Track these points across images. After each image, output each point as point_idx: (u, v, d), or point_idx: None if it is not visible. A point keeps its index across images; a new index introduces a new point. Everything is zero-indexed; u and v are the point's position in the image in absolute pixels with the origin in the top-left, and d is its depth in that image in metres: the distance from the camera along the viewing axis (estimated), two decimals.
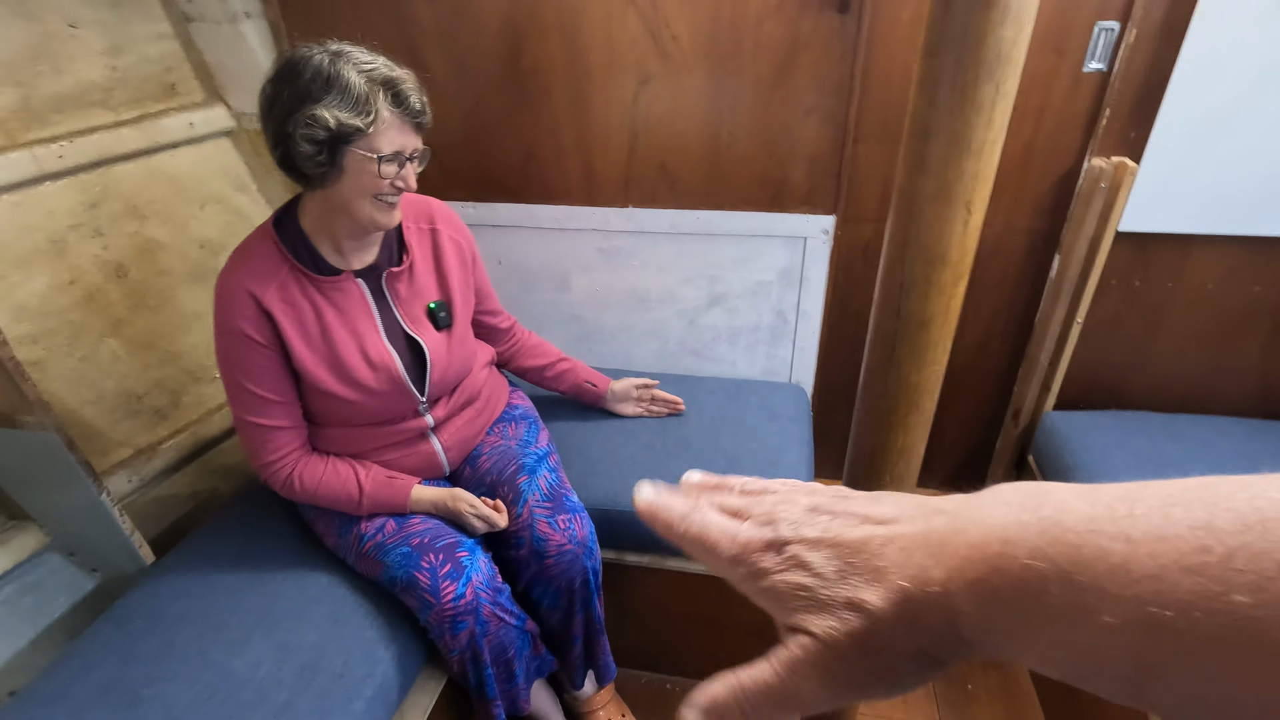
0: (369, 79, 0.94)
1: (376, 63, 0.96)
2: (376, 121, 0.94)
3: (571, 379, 1.44)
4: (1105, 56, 1.24)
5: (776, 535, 0.29)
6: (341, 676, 1.01)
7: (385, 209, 1.02)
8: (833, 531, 0.28)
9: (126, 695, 0.96)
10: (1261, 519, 0.18)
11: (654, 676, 1.54)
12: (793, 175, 1.43)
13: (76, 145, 1.23)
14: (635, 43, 1.34)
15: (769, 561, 0.28)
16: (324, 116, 0.91)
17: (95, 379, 1.29)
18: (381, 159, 0.96)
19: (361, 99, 0.93)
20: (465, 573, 1.07)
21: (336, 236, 1.06)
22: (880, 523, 0.27)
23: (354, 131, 0.93)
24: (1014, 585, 0.22)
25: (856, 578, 0.26)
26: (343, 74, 0.92)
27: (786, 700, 0.28)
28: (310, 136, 0.92)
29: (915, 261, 0.58)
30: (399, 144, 0.98)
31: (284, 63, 0.94)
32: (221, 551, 1.20)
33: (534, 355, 1.42)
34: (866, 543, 0.27)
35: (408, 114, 0.98)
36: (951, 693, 1.48)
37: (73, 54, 1.24)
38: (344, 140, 0.94)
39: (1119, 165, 1.26)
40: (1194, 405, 1.51)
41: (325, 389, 1.06)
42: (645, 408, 1.48)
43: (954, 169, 0.53)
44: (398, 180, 1.00)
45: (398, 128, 0.97)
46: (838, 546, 0.27)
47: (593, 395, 1.46)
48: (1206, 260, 1.36)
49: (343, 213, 1.01)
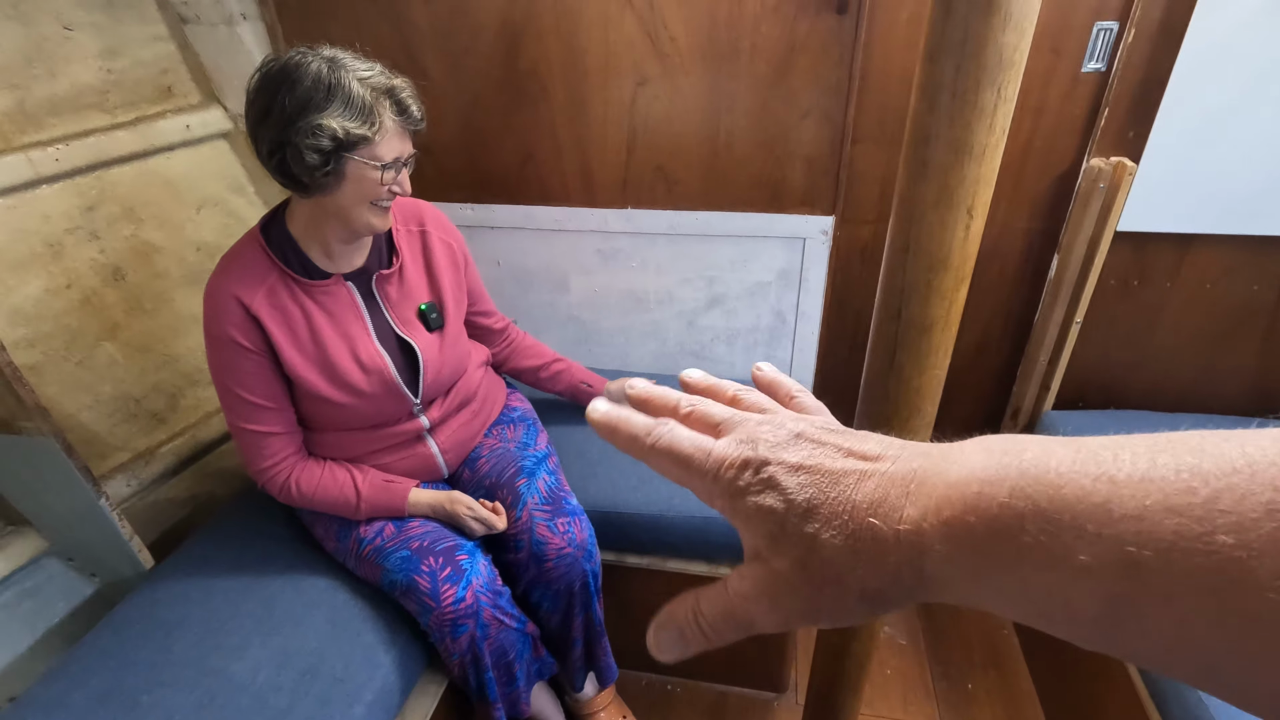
0: (371, 88, 0.94)
1: (374, 71, 0.96)
2: (381, 131, 0.95)
3: (567, 379, 1.42)
4: (1104, 56, 1.24)
5: (755, 454, 0.28)
6: (341, 681, 1.01)
7: (381, 214, 1.02)
8: (814, 460, 0.28)
9: (125, 701, 0.95)
10: (1250, 463, 0.18)
11: (655, 677, 1.54)
12: (791, 176, 1.42)
13: (72, 148, 1.22)
14: (633, 44, 1.34)
15: (744, 479, 0.28)
16: (330, 126, 0.91)
17: (92, 383, 1.28)
18: (384, 167, 0.97)
19: (366, 109, 0.93)
20: (465, 576, 1.07)
21: (327, 241, 1.05)
22: (864, 458, 0.27)
23: (359, 141, 0.94)
24: (989, 524, 0.22)
25: (825, 510, 0.26)
26: (344, 82, 0.92)
27: (738, 622, 0.29)
28: (316, 146, 0.92)
29: (916, 267, 0.58)
30: (398, 151, 0.99)
31: (277, 69, 0.93)
32: (220, 556, 1.20)
33: (529, 356, 1.41)
34: (845, 475, 0.27)
35: (409, 122, 0.99)
36: (951, 693, 1.48)
37: (68, 56, 1.23)
38: (347, 149, 0.94)
39: (1118, 165, 1.26)
40: (1192, 404, 1.52)
41: (317, 393, 1.06)
42: None
43: (955, 174, 0.53)
44: (394, 185, 1.00)
45: (398, 135, 0.98)
46: (815, 474, 0.27)
47: (588, 396, 1.44)
48: (1205, 259, 1.37)
49: (337, 218, 1.01)
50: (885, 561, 0.25)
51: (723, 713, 1.47)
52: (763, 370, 0.37)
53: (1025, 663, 1.53)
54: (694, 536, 1.27)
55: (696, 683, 1.53)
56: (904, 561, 0.25)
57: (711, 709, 1.48)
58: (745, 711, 1.47)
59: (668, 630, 0.32)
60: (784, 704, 1.49)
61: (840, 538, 0.26)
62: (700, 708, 1.48)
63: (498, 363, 1.41)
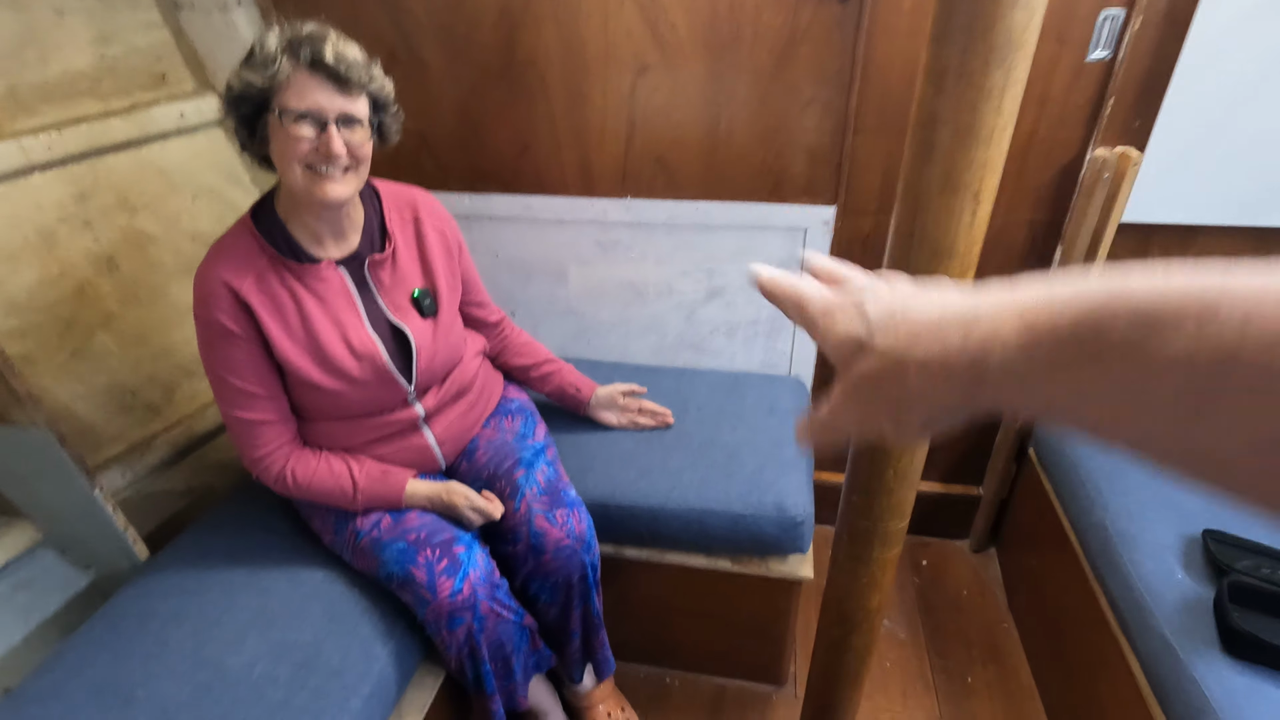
0: (285, 39, 0.92)
1: (309, 26, 0.94)
2: (278, 75, 0.91)
3: (557, 381, 1.39)
4: (1109, 44, 1.22)
5: (859, 297, 0.35)
6: (338, 674, 1.00)
7: (319, 179, 0.96)
8: (901, 295, 0.34)
9: (121, 693, 0.95)
10: None
11: (653, 670, 1.53)
12: (792, 166, 1.41)
13: (65, 136, 1.21)
14: (632, 32, 1.32)
15: (843, 313, 0.36)
16: (232, 80, 0.93)
17: (86, 374, 1.27)
18: (286, 115, 0.92)
19: (268, 57, 0.91)
20: (462, 568, 1.06)
21: (306, 220, 1.04)
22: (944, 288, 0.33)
23: (258, 92, 0.92)
24: (1074, 323, 0.23)
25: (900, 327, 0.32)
26: (262, 38, 0.92)
27: (838, 431, 0.38)
28: (229, 100, 0.94)
29: (921, 254, 0.57)
30: (311, 102, 0.92)
31: None
32: (216, 548, 1.19)
33: (521, 354, 1.39)
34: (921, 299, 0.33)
35: (320, 69, 0.92)
36: (951, 686, 1.48)
37: (60, 42, 1.22)
38: (253, 103, 0.94)
39: (1122, 155, 1.25)
40: None
41: (309, 379, 1.05)
42: (630, 419, 1.41)
43: (962, 158, 0.52)
44: (322, 145, 0.94)
45: (311, 84, 0.92)
46: (893, 300, 0.33)
47: (575, 401, 1.40)
48: (1209, 251, 1.35)
49: (287, 190, 1.01)
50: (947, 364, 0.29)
51: (721, 705, 1.47)
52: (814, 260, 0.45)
53: (1025, 657, 1.53)
54: (693, 528, 1.26)
55: (695, 675, 1.52)
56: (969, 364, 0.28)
57: (710, 702, 1.47)
58: (744, 704, 1.47)
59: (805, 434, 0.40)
60: (783, 697, 1.48)
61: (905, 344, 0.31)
62: (699, 701, 1.48)
63: (493, 355, 1.39)
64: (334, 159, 0.95)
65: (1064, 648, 1.38)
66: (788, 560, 1.29)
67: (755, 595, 1.34)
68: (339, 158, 0.95)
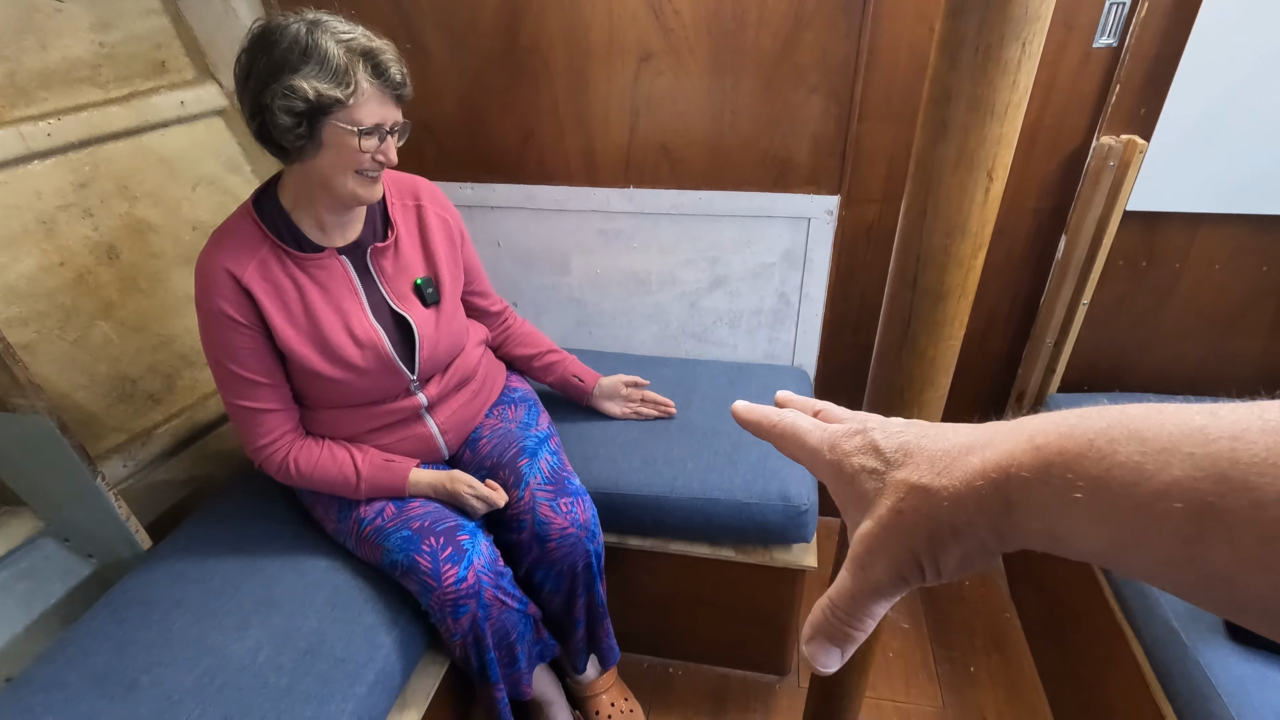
0: (348, 49, 0.91)
1: (355, 32, 0.93)
2: (356, 93, 0.92)
3: (559, 371, 1.39)
4: (1116, 31, 1.21)
5: (865, 427, 0.33)
6: (343, 661, 1.00)
7: (367, 183, 1.00)
8: (910, 428, 0.32)
9: (124, 681, 0.94)
10: None
11: (657, 660, 1.53)
12: (796, 155, 1.40)
13: (64, 123, 1.20)
14: (636, 18, 1.31)
15: (850, 444, 0.33)
16: (302, 87, 0.89)
17: (87, 362, 1.27)
18: (362, 132, 0.94)
19: (341, 70, 0.91)
20: (467, 556, 1.06)
21: (318, 212, 1.03)
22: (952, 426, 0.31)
23: (333, 103, 0.91)
24: (1083, 447, 0.24)
25: (917, 457, 0.30)
26: (321, 43, 0.90)
27: (865, 594, 0.31)
28: (288, 108, 0.90)
29: (934, 232, 0.56)
30: (379, 116, 0.96)
31: (259, 32, 0.92)
32: (219, 536, 1.19)
33: (524, 344, 1.39)
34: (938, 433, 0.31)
35: (388, 85, 0.96)
36: (954, 675, 1.48)
37: (59, 29, 1.20)
38: (323, 112, 0.92)
39: (1128, 143, 1.25)
40: (1199, 387, 1.51)
41: (311, 368, 1.04)
42: (634, 409, 1.41)
43: (976, 134, 0.51)
44: (378, 154, 0.98)
45: (378, 100, 0.95)
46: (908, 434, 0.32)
47: (578, 391, 1.40)
48: (1215, 240, 1.35)
49: (323, 188, 0.99)
50: (973, 488, 0.27)
51: (725, 695, 1.47)
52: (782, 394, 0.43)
53: (1028, 646, 1.53)
54: (696, 518, 1.26)
55: (699, 666, 1.52)
56: (990, 488, 0.27)
57: (713, 692, 1.47)
58: (747, 694, 1.47)
59: (815, 640, 0.32)
60: (786, 686, 1.48)
61: (929, 476, 0.29)
62: (702, 691, 1.48)
63: (493, 347, 1.39)
64: (389, 166, 1.00)
65: (1067, 636, 1.38)
66: (792, 550, 1.29)
67: (759, 585, 1.34)
68: (392, 164, 1.00)
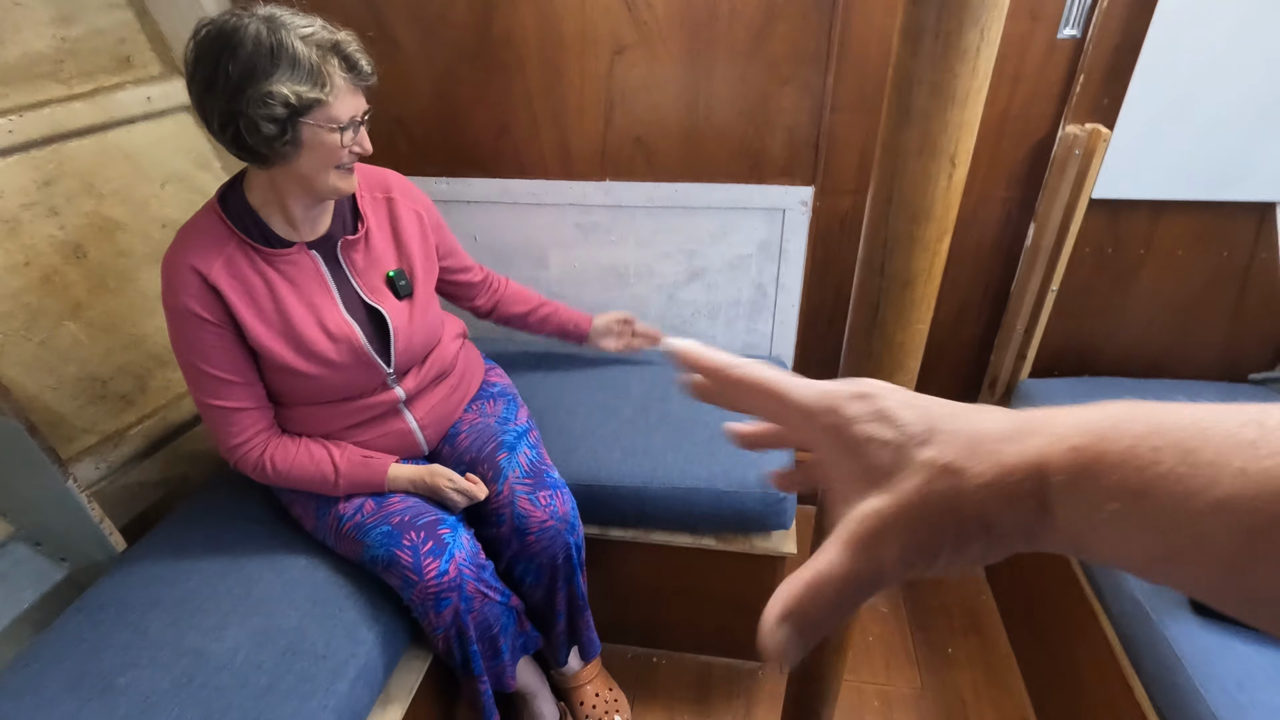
0: (316, 45, 0.90)
1: (314, 25, 0.91)
2: (334, 91, 0.92)
3: (556, 321, 1.44)
4: (1079, 22, 1.24)
5: (869, 389, 0.28)
6: (324, 658, 1.00)
7: (346, 175, 1.00)
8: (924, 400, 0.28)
9: (99, 684, 0.93)
10: None
11: (641, 650, 1.54)
12: (770, 146, 1.41)
13: (26, 120, 1.17)
14: (609, 10, 1.31)
15: (854, 409, 0.28)
16: (281, 92, 0.87)
17: (55, 364, 1.24)
18: (342, 129, 0.94)
19: (315, 69, 0.89)
20: (448, 550, 1.06)
21: (289, 208, 1.02)
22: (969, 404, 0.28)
23: (313, 104, 0.90)
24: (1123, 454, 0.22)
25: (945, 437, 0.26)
26: (287, 43, 0.88)
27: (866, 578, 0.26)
28: (270, 115, 0.88)
29: (899, 218, 0.57)
30: (353, 109, 0.95)
31: (214, 34, 0.88)
32: (195, 537, 1.18)
33: (516, 302, 1.42)
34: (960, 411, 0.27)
35: (360, 78, 0.96)
36: (932, 657, 1.51)
37: (17, 23, 1.18)
38: (301, 114, 0.90)
39: (1093, 132, 1.27)
40: (1163, 371, 1.54)
41: (285, 364, 1.04)
42: (627, 342, 1.49)
43: (938, 120, 0.52)
44: (355, 146, 0.97)
45: (350, 93, 0.95)
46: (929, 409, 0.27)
47: (577, 336, 1.46)
48: (1177, 226, 1.38)
49: (299, 186, 0.98)
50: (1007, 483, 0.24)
51: (708, 683, 1.48)
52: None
53: (1003, 626, 1.56)
54: (677, 508, 1.27)
55: (682, 654, 1.53)
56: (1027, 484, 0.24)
57: (697, 680, 1.49)
58: (730, 681, 1.49)
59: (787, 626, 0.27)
60: (768, 673, 1.50)
61: (961, 460, 0.25)
62: (685, 679, 1.49)
63: (486, 314, 1.40)
64: (366, 155, 1.00)
65: (1040, 615, 1.42)
66: (771, 537, 1.30)
67: (740, 572, 1.36)
68: (368, 151, 1.00)
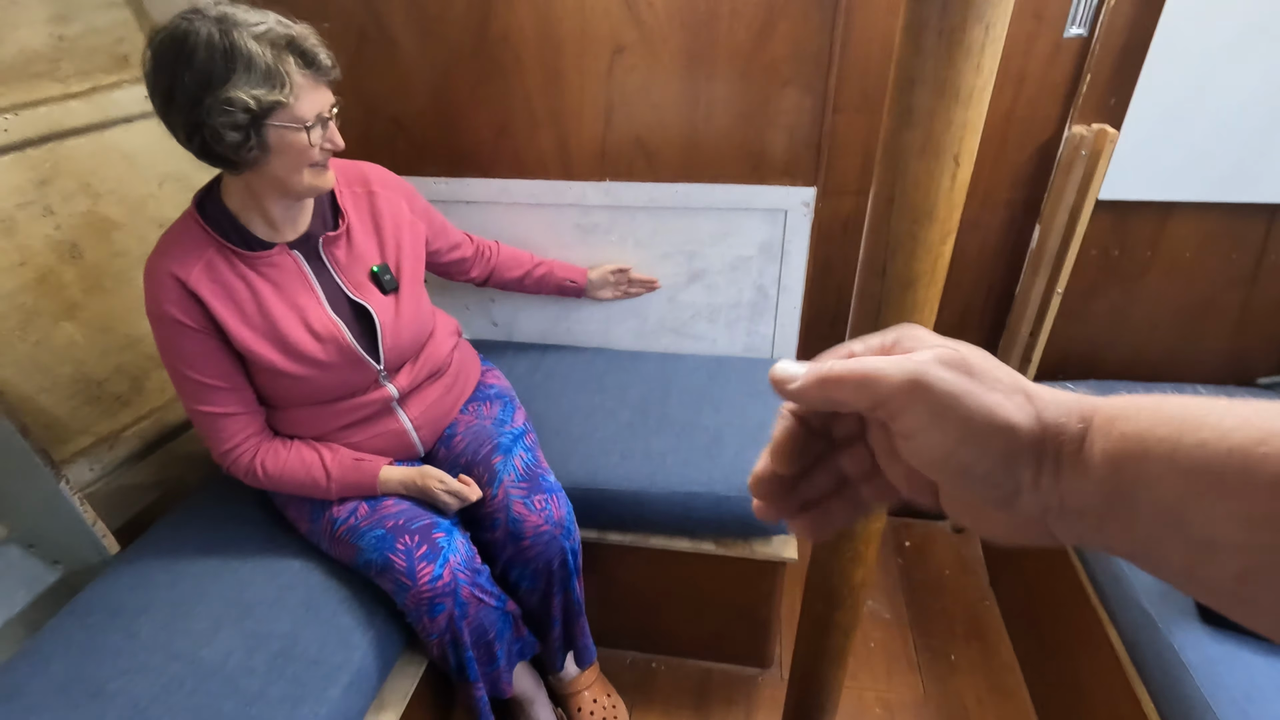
0: (270, 44, 0.87)
1: (268, 20, 0.89)
2: (293, 90, 0.89)
3: (552, 281, 1.49)
4: (1086, 21, 1.22)
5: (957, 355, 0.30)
6: (317, 663, 0.98)
7: (321, 172, 0.99)
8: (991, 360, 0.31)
9: (90, 688, 0.92)
10: None
11: (639, 656, 1.53)
12: (772, 147, 1.40)
13: (22, 118, 1.16)
14: (609, 10, 1.30)
15: (948, 373, 0.30)
16: (239, 98, 0.85)
17: (50, 365, 1.23)
18: (308, 127, 0.92)
19: (271, 69, 0.87)
20: (442, 554, 1.05)
21: (267, 209, 1.01)
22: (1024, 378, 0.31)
23: (274, 106, 0.88)
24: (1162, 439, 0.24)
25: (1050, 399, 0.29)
26: (240, 44, 0.85)
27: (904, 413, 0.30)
28: (231, 122, 0.86)
29: (901, 219, 0.56)
30: (318, 105, 0.93)
31: (167, 43, 0.86)
32: (189, 540, 1.17)
33: (511, 266, 1.45)
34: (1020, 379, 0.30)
35: (320, 73, 0.93)
36: (934, 664, 1.49)
37: (14, 21, 1.17)
38: (264, 117, 0.88)
39: (1099, 132, 1.26)
40: (1170, 373, 1.53)
41: (271, 366, 1.03)
42: (623, 290, 1.54)
43: (941, 119, 0.51)
44: (325, 143, 0.96)
45: (312, 89, 0.93)
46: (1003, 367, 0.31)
47: (574, 291, 1.50)
48: (1185, 228, 1.36)
49: (275, 189, 0.97)
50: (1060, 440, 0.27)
51: (707, 689, 1.47)
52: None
53: (1007, 634, 1.55)
54: (676, 512, 1.26)
55: (681, 660, 1.52)
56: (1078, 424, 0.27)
57: (696, 686, 1.47)
58: (730, 687, 1.47)
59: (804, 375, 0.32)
60: (768, 679, 1.48)
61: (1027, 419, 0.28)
62: (685, 685, 1.47)
63: (483, 282, 1.44)
64: (338, 150, 0.98)
65: (1045, 623, 1.40)
66: (771, 542, 1.29)
67: (739, 578, 1.34)
68: (340, 147, 0.98)
